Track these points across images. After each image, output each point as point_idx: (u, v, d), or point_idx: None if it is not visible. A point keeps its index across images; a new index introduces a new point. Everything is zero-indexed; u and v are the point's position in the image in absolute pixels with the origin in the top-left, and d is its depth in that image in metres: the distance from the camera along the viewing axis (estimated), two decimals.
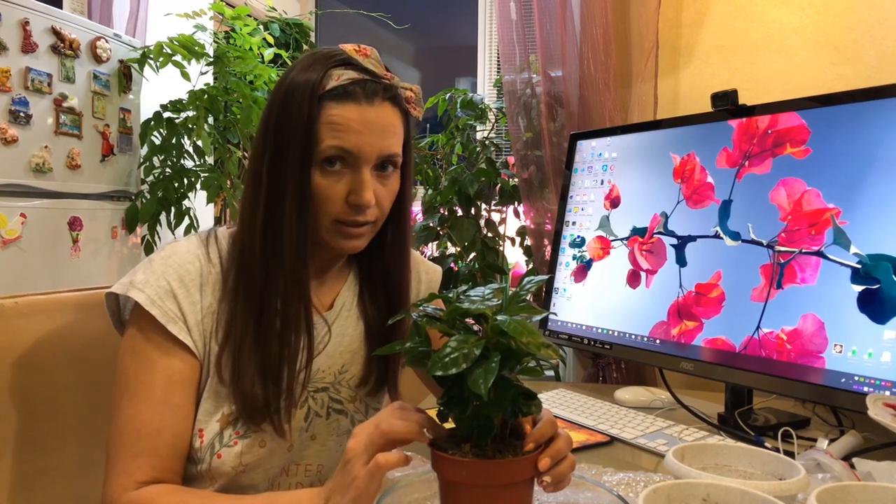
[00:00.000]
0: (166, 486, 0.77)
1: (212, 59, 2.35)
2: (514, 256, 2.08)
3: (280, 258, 0.82)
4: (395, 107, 0.84)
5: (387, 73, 0.84)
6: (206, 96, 2.24)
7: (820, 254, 1.00)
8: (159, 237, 2.29)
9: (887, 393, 0.89)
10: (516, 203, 1.98)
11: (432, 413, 0.67)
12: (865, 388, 0.91)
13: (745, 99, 1.17)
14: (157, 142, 2.29)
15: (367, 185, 0.82)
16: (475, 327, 0.66)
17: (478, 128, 2.09)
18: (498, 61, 2.60)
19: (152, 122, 2.27)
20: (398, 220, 0.91)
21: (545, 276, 0.73)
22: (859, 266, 0.95)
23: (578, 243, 1.41)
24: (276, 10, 3.07)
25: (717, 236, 1.14)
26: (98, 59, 2.20)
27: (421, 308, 0.69)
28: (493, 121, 2.08)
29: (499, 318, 0.61)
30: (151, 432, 0.78)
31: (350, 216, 0.83)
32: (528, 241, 1.91)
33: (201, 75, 2.34)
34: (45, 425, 0.92)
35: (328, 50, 0.85)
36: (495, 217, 2.04)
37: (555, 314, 1.42)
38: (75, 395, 0.95)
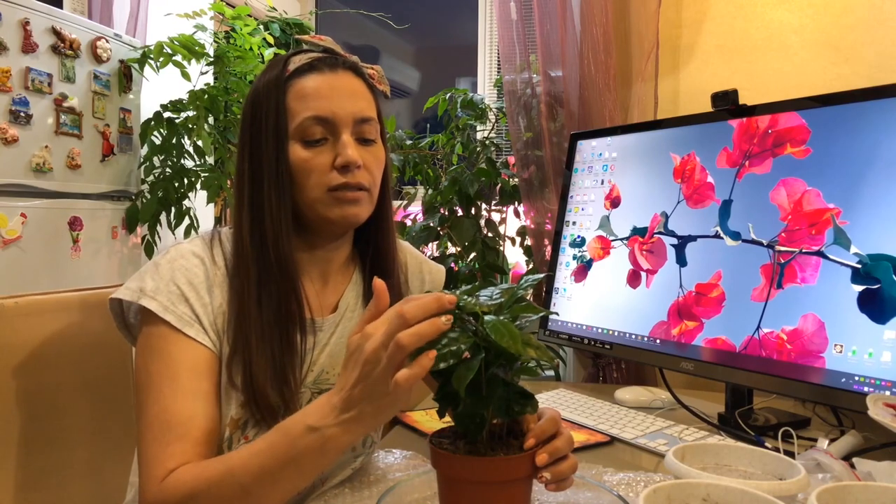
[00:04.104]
0: (190, 464, 0.75)
1: (212, 59, 2.35)
2: (514, 256, 2.08)
3: (264, 239, 0.83)
4: (358, 76, 0.88)
5: (345, 54, 0.88)
6: (206, 96, 2.24)
7: (820, 254, 1.00)
8: (159, 237, 2.29)
9: (887, 393, 0.90)
10: (516, 203, 1.98)
11: (432, 413, 0.67)
12: (866, 388, 0.92)
13: (745, 99, 1.17)
14: (158, 142, 2.29)
15: (351, 144, 0.83)
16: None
17: (478, 128, 2.09)
18: (498, 61, 2.60)
19: (152, 122, 2.27)
20: (381, 197, 0.92)
21: (541, 275, 0.73)
22: (859, 266, 0.95)
23: (579, 243, 1.41)
24: (276, 10, 3.07)
25: (717, 236, 1.14)
26: (98, 59, 2.20)
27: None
28: (493, 121, 2.08)
29: (487, 318, 0.61)
30: (183, 420, 0.76)
31: (340, 180, 0.83)
32: (528, 241, 1.91)
33: (201, 75, 2.34)
34: (47, 425, 0.92)
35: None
36: (495, 217, 2.04)
37: (556, 314, 1.42)
38: (77, 395, 0.95)
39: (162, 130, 2.28)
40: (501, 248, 2.01)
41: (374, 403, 0.64)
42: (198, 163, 2.31)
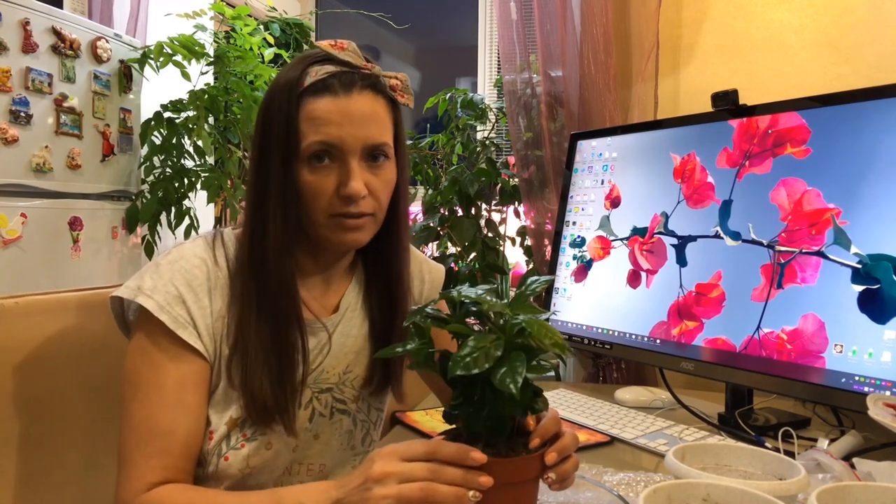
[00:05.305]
0: (176, 485, 0.77)
1: (212, 59, 2.35)
2: (515, 256, 2.08)
3: (266, 258, 0.82)
4: (376, 94, 0.84)
5: (366, 64, 0.85)
6: (206, 96, 2.24)
7: (820, 254, 1.00)
8: (160, 237, 2.29)
9: (887, 393, 0.90)
10: (516, 203, 1.98)
11: (437, 414, 0.67)
12: (866, 388, 0.92)
13: (746, 99, 1.17)
14: (158, 142, 2.28)
15: (355, 174, 0.81)
16: (476, 327, 0.66)
17: (478, 128, 2.09)
18: (498, 61, 2.60)
19: (152, 122, 2.26)
20: (393, 211, 0.90)
21: (551, 277, 0.74)
22: (860, 266, 0.95)
23: (579, 243, 1.41)
24: (276, 10, 3.06)
25: (717, 236, 1.14)
26: (98, 59, 2.20)
27: (422, 310, 0.69)
28: (494, 121, 2.08)
29: (519, 317, 0.61)
30: (164, 432, 0.77)
31: (343, 208, 0.82)
32: (528, 241, 1.91)
33: (201, 75, 2.34)
34: (47, 425, 0.92)
35: (309, 51, 0.87)
36: (495, 217, 2.04)
37: (557, 312, 1.42)
38: (77, 395, 0.95)
39: (162, 130, 2.28)
40: (501, 248, 2.01)
41: None
42: (198, 163, 2.31)
